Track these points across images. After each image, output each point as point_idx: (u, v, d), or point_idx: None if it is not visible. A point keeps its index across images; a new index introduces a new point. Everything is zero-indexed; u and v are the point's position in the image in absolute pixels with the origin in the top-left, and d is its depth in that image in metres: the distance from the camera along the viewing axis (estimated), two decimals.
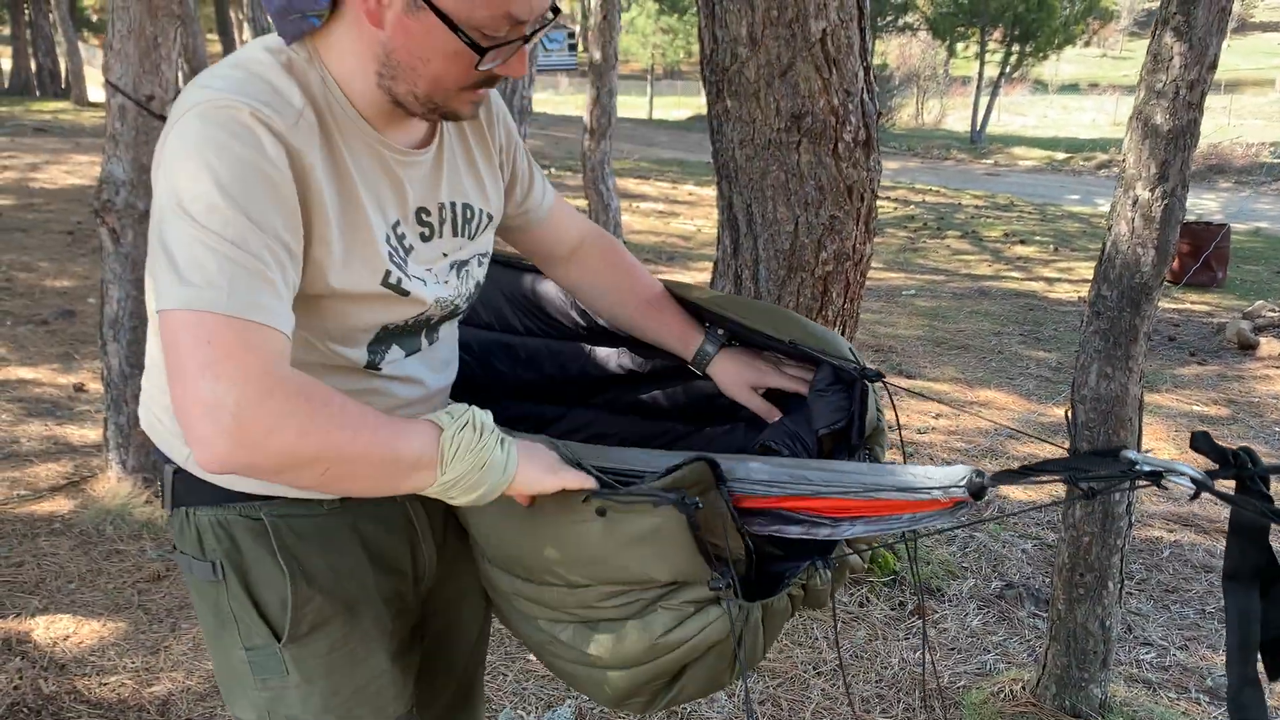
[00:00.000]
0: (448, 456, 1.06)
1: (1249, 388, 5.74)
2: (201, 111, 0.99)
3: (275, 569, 1.19)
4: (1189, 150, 2.20)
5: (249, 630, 1.21)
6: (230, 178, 0.97)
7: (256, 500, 1.20)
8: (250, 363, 0.93)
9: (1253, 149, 19.06)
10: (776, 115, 2.75)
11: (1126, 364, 2.31)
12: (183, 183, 0.97)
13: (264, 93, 1.03)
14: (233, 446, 0.92)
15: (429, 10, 1.00)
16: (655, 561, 1.16)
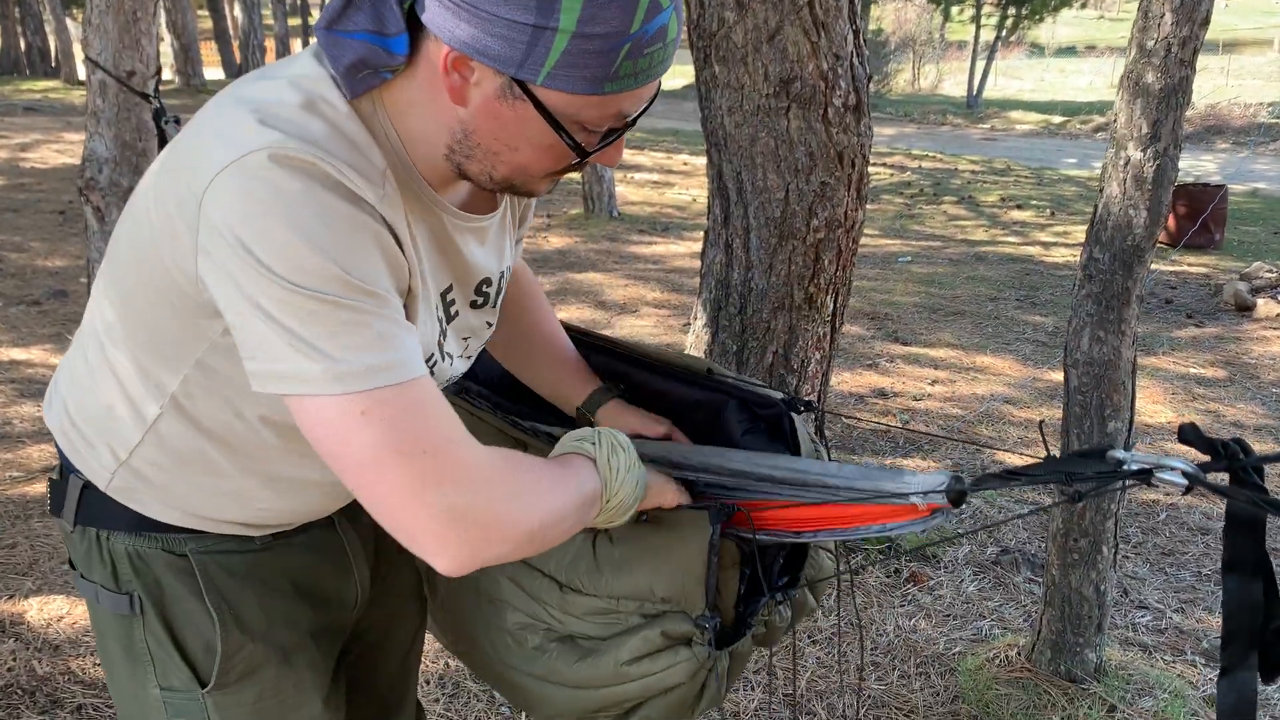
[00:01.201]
0: (612, 485, 1.07)
1: (1246, 349, 5.72)
2: (278, 158, 0.83)
3: (202, 612, 1.09)
4: (1181, 109, 2.17)
5: (166, 671, 1.11)
6: (331, 236, 0.84)
7: (181, 533, 1.09)
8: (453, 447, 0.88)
9: (1250, 109, 18.95)
10: (765, 80, 2.72)
11: (1119, 327, 2.29)
12: (271, 245, 0.82)
13: (348, 151, 0.88)
14: (493, 545, 0.90)
15: (528, 102, 0.88)
16: (663, 577, 1.15)
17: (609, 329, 5.75)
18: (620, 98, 0.89)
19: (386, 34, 0.88)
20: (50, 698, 2.36)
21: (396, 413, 0.85)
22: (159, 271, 0.93)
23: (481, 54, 0.85)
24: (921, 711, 2.46)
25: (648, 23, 0.84)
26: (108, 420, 1.05)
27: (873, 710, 2.46)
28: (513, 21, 0.82)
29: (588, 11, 0.82)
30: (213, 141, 0.87)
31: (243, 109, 0.88)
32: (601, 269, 7.40)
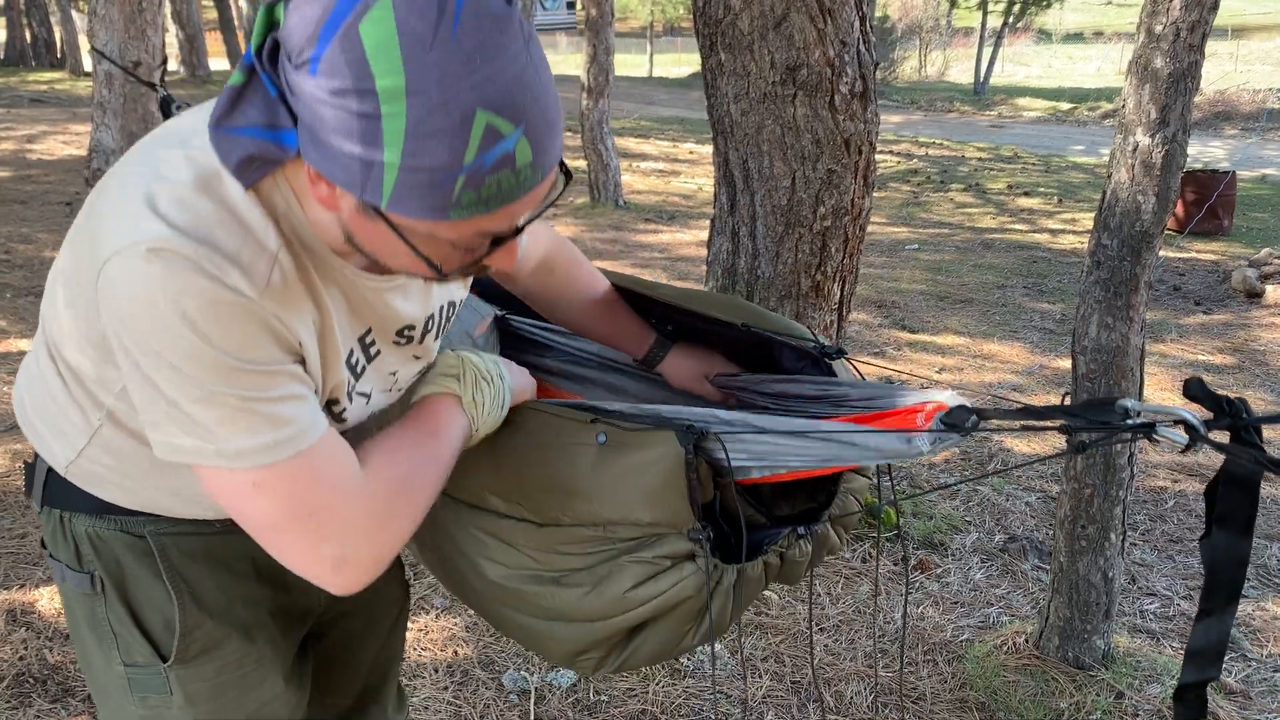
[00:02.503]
0: (478, 419, 1.15)
1: (1255, 336, 5.70)
2: (156, 252, 0.85)
3: (161, 591, 1.13)
4: (1190, 94, 2.15)
5: (129, 647, 1.15)
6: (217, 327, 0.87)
7: (140, 516, 1.13)
8: (336, 501, 0.96)
9: (1260, 95, 18.83)
10: (771, 68, 2.71)
11: (1127, 314, 2.28)
12: (160, 337, 0.86)
13: (235, 237, 0.88)
14: (370, 574, 1.00)
15: (382, 221, 0.87)
16: (642, 499, 1.13)
17: None
18: (475, 221, 0.86)
19: (278, 126, 0.86)
20: (61, 686, 2.37)
21: (286, 483, 0.93)
22: (83, 312, 0.97)
23: (329, 175, 0.84)
24: (929, 699, 2.46)
25: (484, 153, 0.80)
26: (59, 420, 1.08)
27: (881, 697, 2.47)
28: (343, 152, 0.81)
29: (410, 145, 0.79)
30: (109, 220, 0.90)
31: (139, 186, 0.89)
32: (608, 258, 7.40)
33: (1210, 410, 0.86)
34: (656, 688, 2.46)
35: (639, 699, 2.42)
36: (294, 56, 0.81)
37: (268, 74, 0.85)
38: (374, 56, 0.77)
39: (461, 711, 2.35)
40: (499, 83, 0.80)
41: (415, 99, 0.78)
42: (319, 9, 0.79)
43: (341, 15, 0.78)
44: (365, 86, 0.78)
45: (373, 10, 0.78)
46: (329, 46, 0.78)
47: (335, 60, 0.78)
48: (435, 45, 0.78)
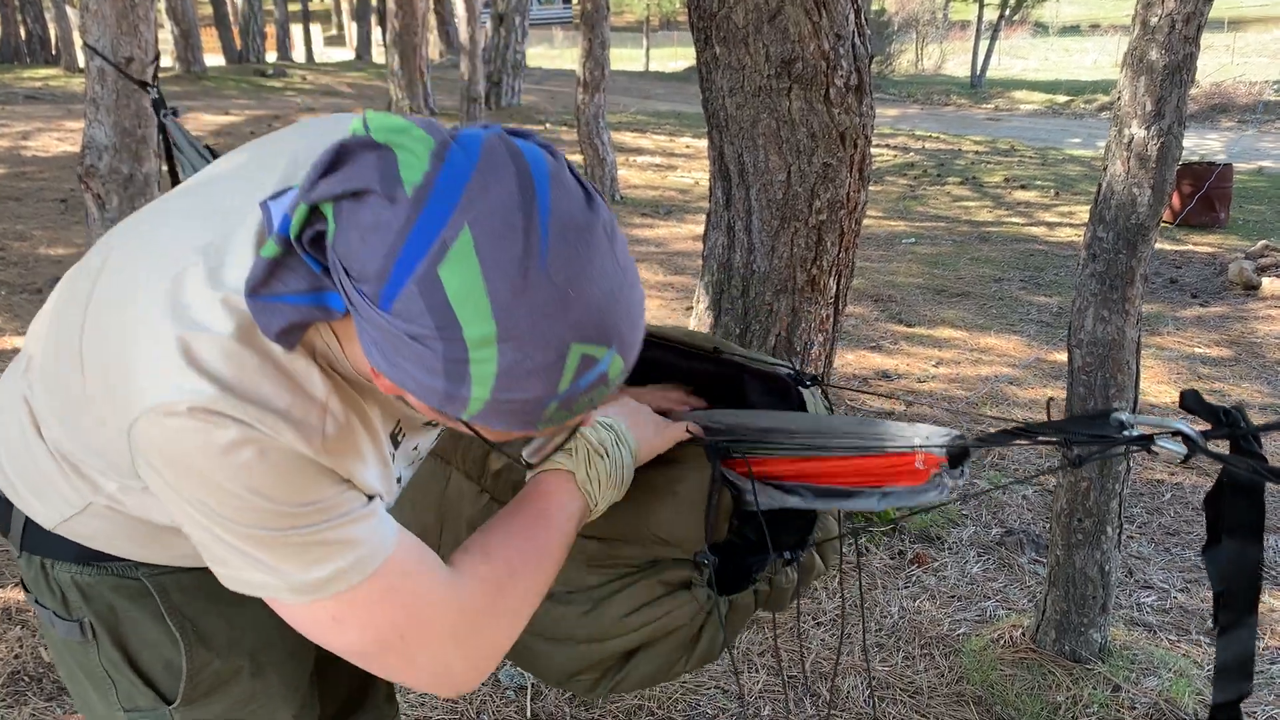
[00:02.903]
0: (595, 495, 1.07)
1: (1251, 328, 5.70)
2: (199, 413, 0.79)
3: (161, 632, 1.07)
4: (1185, 86, 2.15)
5: (129, 693, 1.09)
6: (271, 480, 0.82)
7: (129, 561, 1.06)
8: (422, 615, 0.91)
9: (1256, 87, 18.82)
10: (766, 61, 2.70)
11: (1123, 306, 2.28)
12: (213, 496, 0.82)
13: (283, 391, 0.83)
14: (475, 680, 0.95)
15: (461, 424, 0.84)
16: (662, 516, 1.14)
17: None
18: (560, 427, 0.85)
19: (322, 290, 0.80)
20: (57, 684, 2.37)
21: (365, 609, 0.88)
22: (98, 446, 0.90)
23: (400, 385, 0.79)
24: (926, 693, 2.46)
25: (579, 379, 0.76)
26: (44, 487, 1.01)
27: (877, 692, 2.46)
28: (421, 380, 0.76)
29: (501, 384, 0.74)
30: (141, 369, 0.82)
31: (172, 333, 0.82)
32: None
33: (1207, 421, 0.85)
34: None
35: (635, 694, 2.41)
36: (358, 281, 0.74)
37: (311, 256, 0.79)
38: (459, 304, 0.71)
39: (458, 707, 2.35)
40: (591, 310, 0.74)
41: (507, 345, 0.72)
42: (387, 240, 0.72)
43: (417, 255, 0.71)
44: (451, 335, 0.72)
45: (453, 250, 0.71)
46: (405, 288, 0.71)
47: (413, 305, 0.72)
48: (526, 286, 0.71)
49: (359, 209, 0.73)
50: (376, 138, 0.75)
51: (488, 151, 0.74)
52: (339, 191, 0.74)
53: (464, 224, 0.71)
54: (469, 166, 0.73)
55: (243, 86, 17.28)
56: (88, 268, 0.96)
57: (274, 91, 17.04)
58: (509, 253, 0.71)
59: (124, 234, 0.97)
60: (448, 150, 0.73)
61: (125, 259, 0.92)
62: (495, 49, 15.49)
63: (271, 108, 14.90)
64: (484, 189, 0.72)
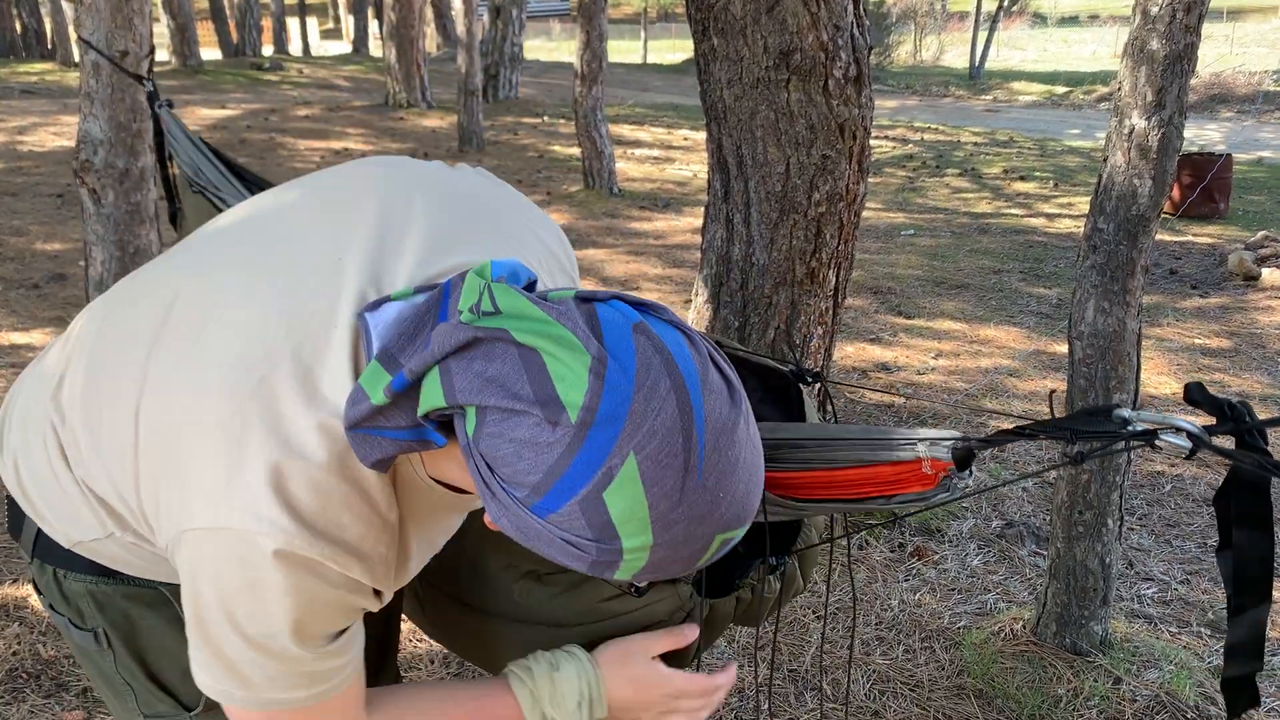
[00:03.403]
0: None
1: (1251, 319, 5.69)
2: (282, 555, 0.81)
3: (181, 641, 1.01)
4: (1186, 76, 2.14)
5: (148, 700, 1.09)
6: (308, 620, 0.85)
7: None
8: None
9: (1255, 77, 18.78)
10: (764, 53, 2.69)
11: (1124, 298, 2.27)
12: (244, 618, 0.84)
13: (364, 524, 0.85)
14: None
15: None
16: None
17: None
18: None
19: (423, 426, 0.80)
20: (55, 681, 2.36)
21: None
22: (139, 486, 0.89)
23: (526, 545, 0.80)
24: (926, 686, 2.45)
25: (715, 555, 0.79)
26: (65, 511, 0.99)
27: (877, 685, 2.46)
28: (560, 562, 0.78)
29: (646, 572, 0.77)
30: (217, 474, 0.81)
31: (263, 453, 0.80)
32: (602, 245, 7.38)
33: (1212, 414, 0.84)
34: None
35: None
36: (509, 485, 0.75)
37: (434, 432, 0.79)
38: (622, 524, 0.73)
39: None
40: (736, 504, 0.77)
41: (660, 549, 0.75)
42: (548, 461, 0.72)
43: (581, 480, 0.72)
44: (609, 545, 0.75)
45: (619, 478, 0.72)
46: (566, 506, 0.73)
47: (574, 521, 0.74)
48: (683, 499, 0.74)
49: (511, 421, 0.73)
50: (517, 336, 0.74)
51: (642, 362, 0.74)
52: (485, 402, 0.73)
53: (629, 451, 0.72)
54: (629, 387, 0.73)
55: (239, 80, 17.24)
56: (148, 305, 0.93)
57: (270, 85, 17.00)
58: (672, 474, 0.73)
59: (191, 276, 0.93)
60: (605, 368, 0.73)
61: (201, 316, 0.88)
62: (492, 41, 15.45)
63: (268, 101, 14.86)
64: (646, 413, 0.73)
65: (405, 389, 0.77)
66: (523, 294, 0.76)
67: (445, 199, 0.98)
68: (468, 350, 0.75)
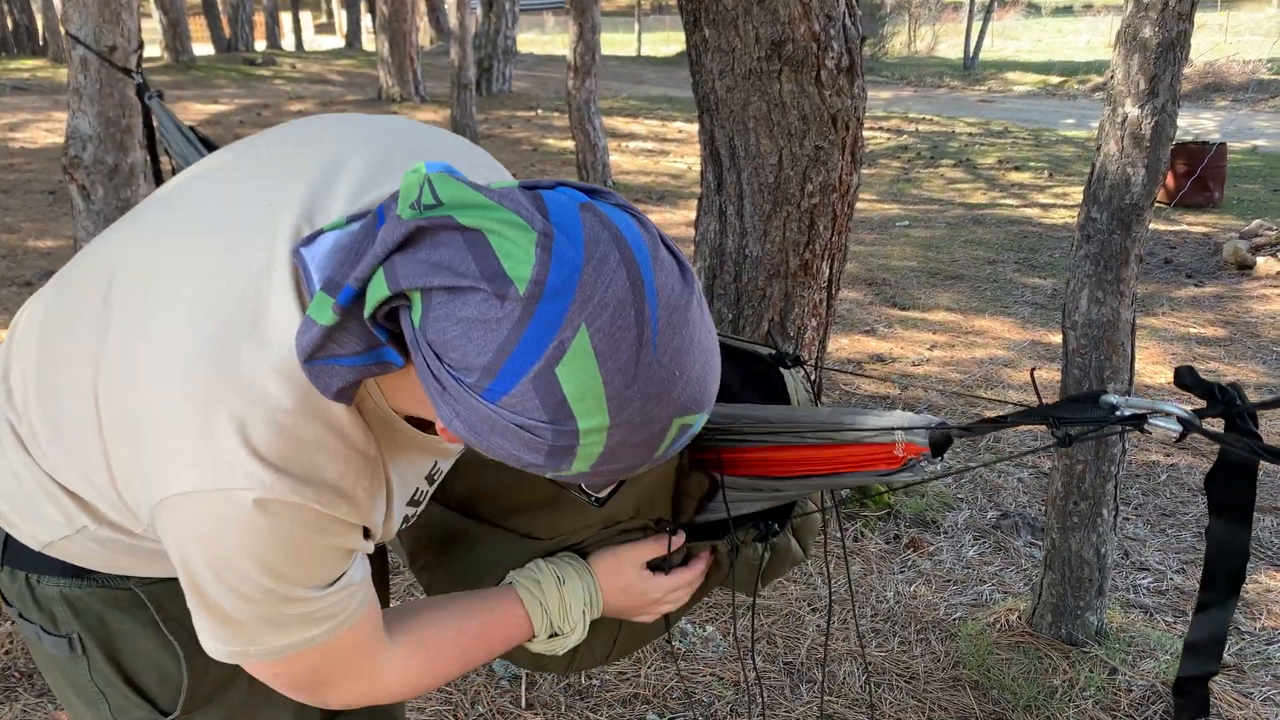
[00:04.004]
0: (541, 633, 1.13)
1: (1246, 308, 5.69)
2: (263, 504, 0.80)
3: (158, 644, 1.04)
4: (1179, 64, 2.13)
5: (122, 707, 1.06)
6: (297, 567, 0.85)
7: (119, 575, 1.03)
8: (350, 680, 0.98)
9: (1250, 66, 18.77)
10: (756, 43, 2.67)
11: (1118, 288, 2.26)
12: (238, 576, 0.83)
13: (343, 461, 0.84)
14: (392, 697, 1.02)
15: None
16: (633, 500, 1.13)
17: None
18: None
19: (378, 346, 0.78)
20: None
21: (305, 666, 0.94)
22: (108, 466, 0.87)
23: (481, 448, 0.78)
24: (922, 677, 2.45)
25: (674, 443, 0.78)
26: (28, 509, 0.97)
27: (873, 677, 2.46)
28: (514, 455, 0.76)
29: (604, 458, 0.75)
30: (183, 444, 0.80)
31: (225, 407, 0.79)
32: None
33: (1202, 398, 0.83)
34: (649, 671, 2.44)
35: (630, 683, 2.40)
36: (458, 370, 0.73)
37: (381, 327, 0.77)
38: (576, 400, 0.71)
39: (453, 698, 2.34)
40: (693, 383, 0.75)
41: (616, 430, 0.73)
42: (497, 338, 0.70)
43: (532, 355, 0.70)
44: (563, 427, 0.72)
45: (570, 351, 0.70)
46: (518, 386, 0.71)
47: (527, 401, 0.71)
48: (638, 375, 0.72)
49: (457, 301, 0.71)
50: (460, 219, 0.72)
51: (590, 237, 0.72)
52: (431, 284, 0.71)
53: (580, 323, 0.70)
54: (578, 258, 0.71)
55: (231, 75, 17.18)
56: (88, 284, 0.91)
57: (263, 80, 16.95)
58: (625, 348, 0.71)
59: (126, 248, 0.92)
60: (552, 242, 0.71)
61: (141, 287, 0.87)
62: (486, 35, 15.40)
63: (261, 96, 14.82)
64: (596, 284, 0.71)
65: (353, 300, 0.75)
66: (464, 182, 0.74)
67: (385, 135, 0.96)
68: (411, 242, 0.73)
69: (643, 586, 1.16)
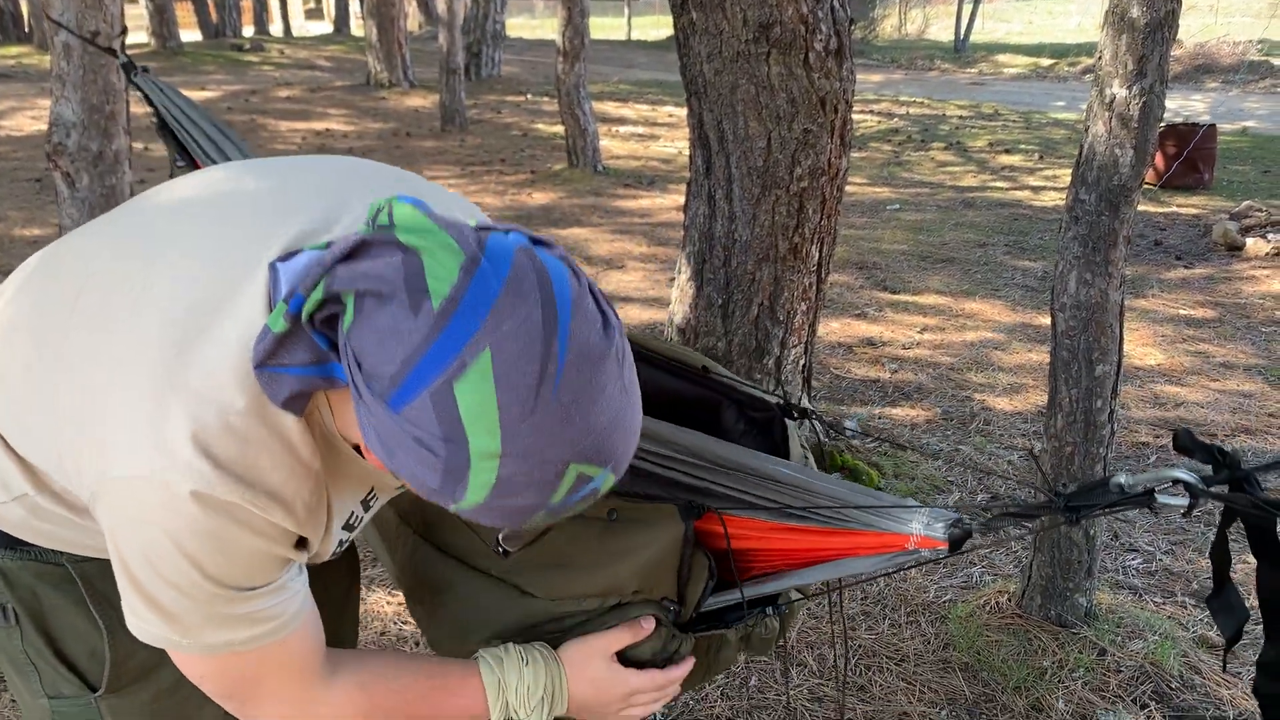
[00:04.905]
0: (495, 713, 1.09)
1: (1236, 289, 5.70)
2: (200, 497, 0.81)
3: (85, 620, 1.06)
4: (1167, 44, 2.12)
5: (53, 681, 1.08)
6: (230, 567, 0.86)
7: (52, 549, 1.05)
8: (282, 696, 0.97)
9: (1240, 47, 18.75)
10: (744, 25, 2.66)
11: (1106, 269, 2.26)
12: (169, 567, 0.84)
13: (283, 469, 0.85)
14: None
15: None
16: (636, 572, 1.12)
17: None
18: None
19: (327, 361, 0.82)
20: None
21: (235, 671, 0.94)
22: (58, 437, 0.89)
23: (393, 470, 0.79)
24: (913, 660, 2.45)
25: (571, 495, 0.77)
26: None
27: (863, 660, 2.46)
28: (418, 477, 0.77)
29: (496, 493, 0.75)
30: (134, 426, 0.82)
31: (181, 401, 0.82)
32: (586, 224, 7.34)
33: (1205, 462, 0.84)
34: None
35: None
36: (369, 378, 0.75)
37: (321, 334, 0.80)
38: (469, 420, 0.72)
39: None
40: (594, 433, 0.76)
41: (509, 460, 0.74)
42: (406, 349, 0.72)
43: (434, 369, 0.72)
44: (456, 446, 0.73)
45: (471, 370, 0.71)
46: (417, 398, 0.73)
47: (424, 414, 0.73)
48: (536, 409, 0.73)
49: (379, 310, 0.74)
50: (402, 238, 0.75)
51: (516, 272, 0.74)
52: (361, 288, 0.75)
53: (485, 345, 0.72)
54: (497, 286, 0.73)
55: (219, 62, 17.07)
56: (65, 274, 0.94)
57: (251, 66, 16.84)
58: (525, 378, 0.72)
59: (113, 250, 0.94)
60: (477, 267, 0.74)
61: (121, 282, 0.89)
62: (474, 19, 15.31)
63: (249, 82, 14.72)
64: (509, 312, 0.73)
65: (300, 307, 0.78)
66: (421, 211, 0.77)
67: (396, 186, 1.00)
68: (355, 254, 0.76)
69: (612, 679, 1.13)
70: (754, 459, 1.17)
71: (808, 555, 1.09)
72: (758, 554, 1.12)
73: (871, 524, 1.03)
